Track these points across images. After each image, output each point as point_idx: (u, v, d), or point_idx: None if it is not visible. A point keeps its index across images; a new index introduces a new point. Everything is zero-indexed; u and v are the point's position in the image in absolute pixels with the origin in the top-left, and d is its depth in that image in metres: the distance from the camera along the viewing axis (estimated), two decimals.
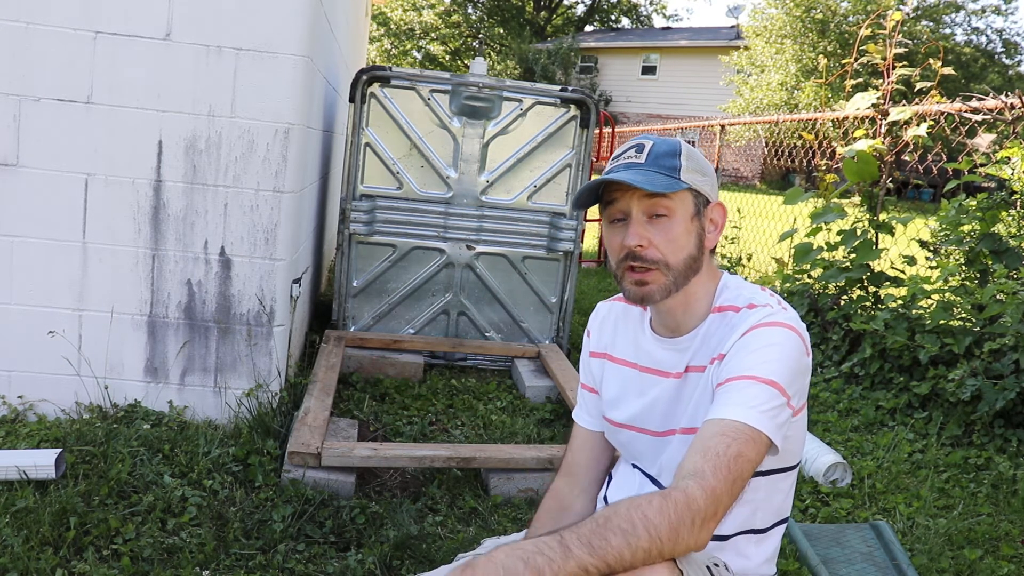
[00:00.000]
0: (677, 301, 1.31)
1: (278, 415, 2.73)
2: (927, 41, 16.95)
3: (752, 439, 1.14)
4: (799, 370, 1.23)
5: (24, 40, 2.50)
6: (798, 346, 1.23)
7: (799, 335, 1.24)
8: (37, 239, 2.62)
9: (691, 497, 1.08)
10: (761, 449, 1.16)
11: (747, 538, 1.32)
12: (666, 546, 1.07)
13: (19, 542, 1.94)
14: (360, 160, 3.67)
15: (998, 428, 3.06)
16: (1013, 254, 3.55)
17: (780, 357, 1.20)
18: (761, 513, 1.33)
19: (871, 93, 4.24)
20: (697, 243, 1.30)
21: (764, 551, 1.35)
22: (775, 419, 1.17)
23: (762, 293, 1.30)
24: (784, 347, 1.21)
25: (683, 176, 1.27)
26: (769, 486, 1.31)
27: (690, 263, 1.29)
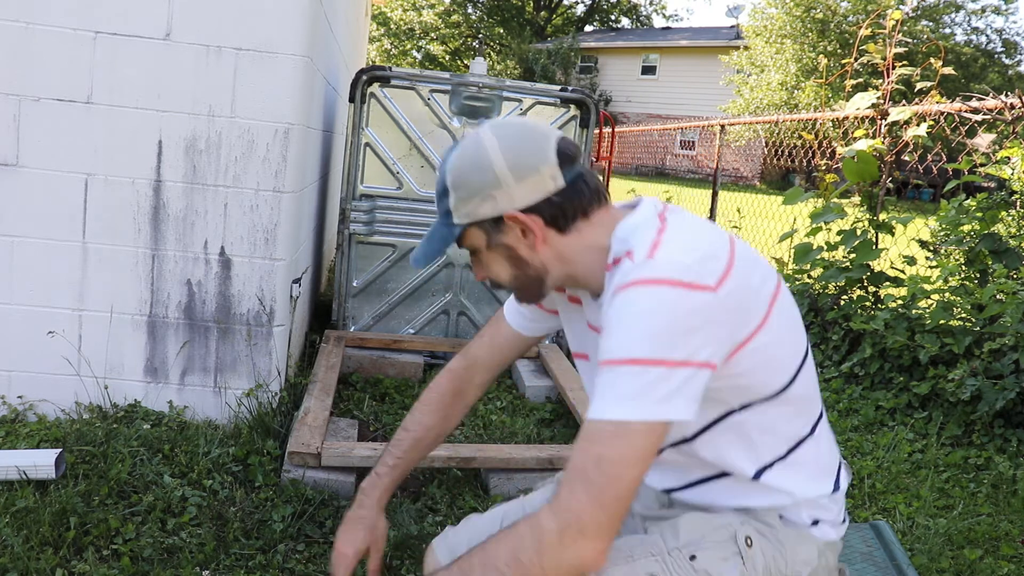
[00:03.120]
0: (565, 283, 1.23)
1: (278, 415, 2.73)
2: (927, 41, 16.95)
3: (615, 434, 1.01)
4: (686, 325, 1.03)
5: (24, 40, 2.50)
6: (674, 300, 1.03)
7: (674, 283, 1.03)
8: (37, 239, 2.62)
9: (540, 527, 1.01)
10: (638, 439, 1.01)
11: (770, 473, 1.21)
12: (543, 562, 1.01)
13: (19, 542, 1.94)
14: (360, 160, 3.67)
15: (998, 428, 3.06)
16: (1013, 254, 3.55)
17: (643, 325, 1.02)
18: (766, 446, 1.20)
19: (871, 93, 4.24)
20: (513, 263, 1.20)
21: (800, 475, 1.22)
22: (650, 396, 1.01)
23: (640, 231, 1.11)
24: (649, 313, 1.03)
25: (456, 218, 1.20)
26: (755, 419, 1.18)
27: (525, 278, 1.21)
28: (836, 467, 1.29)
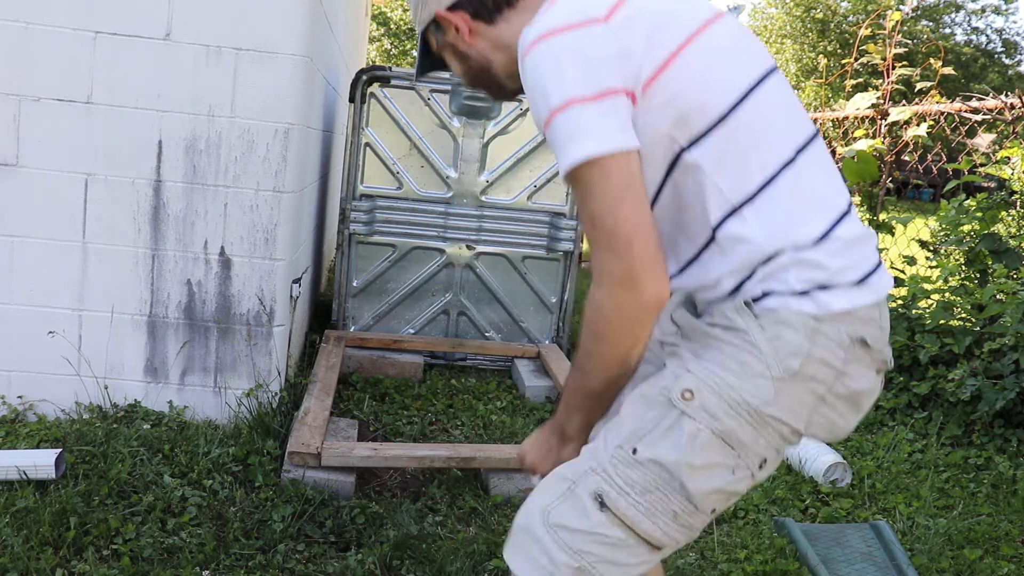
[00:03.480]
0: (514, 70, 1.21)
1: (278, 415, 2.73)
2: (927, 41, 16.94)
3: (586, 189, 1.06)
4: (585, 60, 1.04)
5: (24, 40, 2.50)
6: (566, 43, 1.05)
7: (562, 30, 1.06)
8: (37, 239, 2.62)
9: (593, 301, 1.09)
10: (604, 181, 1.04)
11: (738, 220, 1.13)
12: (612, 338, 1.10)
13: (19, 542, 1.94)
14: (360, 160, 3.67)
15: (998, 428, 3.06)
16: (1013, 254, 3.55)
17: (547, 78, 1.05)
18: (731, 186, 1.12)
19: (871, 93, 4.24)
20: (459, 58, 1.32)
21: (776, 216, 1.12)
22: (581, 135, 1.03)
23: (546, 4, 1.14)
24: (548, 63, 1.06)
25: (417, 28, 1.34)
26: (710, 156, 1.12)
27: (473, 71, 1.32)
28: (837, 207, 1.15)
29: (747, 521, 2.49)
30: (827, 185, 1.17)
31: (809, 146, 1.17)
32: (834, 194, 1.17)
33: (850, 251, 1.14)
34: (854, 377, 1.13)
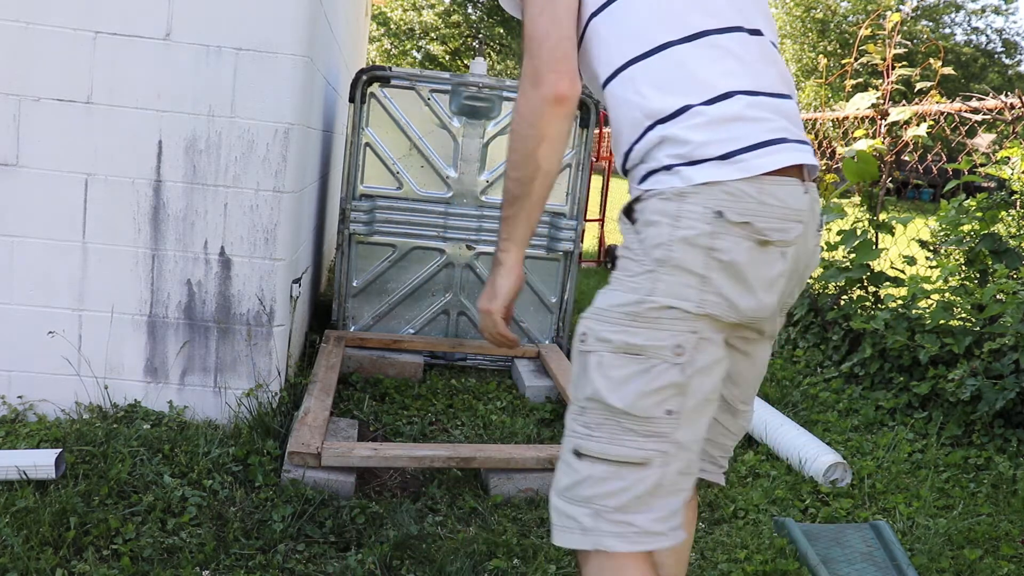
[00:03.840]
0: None
1: (278, 415, 2.73)
2: (927, 41, 16.97)
3: (528, 22, 1.27)
4: None
5: (24, 40, 2.50)
6: None
7: None
8: (37, 239, 2.62)
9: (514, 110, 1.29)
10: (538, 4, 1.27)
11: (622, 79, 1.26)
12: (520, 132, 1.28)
13: (19, 542, 1.94)
14: (360, 160, 3.67)
15: (998, 428, 3.06)
16: (1013, 254, 3.55)
17: None
18: (621, 49, 1.26)
19: (871, 93, 4.24)
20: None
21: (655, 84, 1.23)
22: None
23: None
24: None
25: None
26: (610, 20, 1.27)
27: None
28: (718, 88, 1.21)
29: (747, 521, 2.49)
30: (723, 68, 1.23)
31: (727, 33, 1.25)
32: (727, 77, 1.22)
33: (718, 127, 1.20)
34: (725, 250, 1.18)
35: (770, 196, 1.20)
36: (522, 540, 2.25)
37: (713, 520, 2.50)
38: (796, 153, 1.23)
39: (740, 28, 1.26)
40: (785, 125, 1.24)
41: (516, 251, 1.39)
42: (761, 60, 1.27)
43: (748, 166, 1.19)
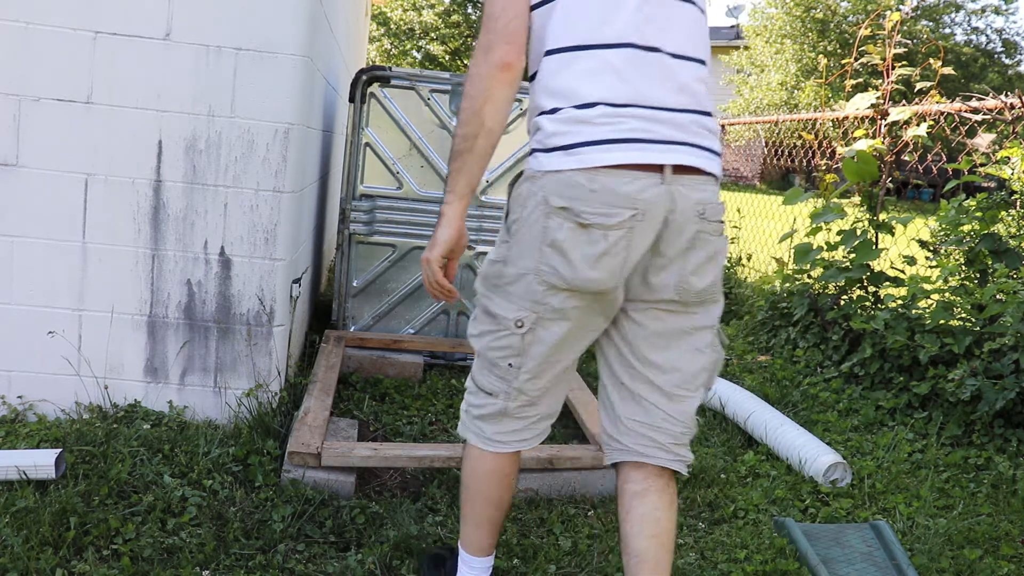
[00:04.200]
0: None
1: (278, 415, 2.73)
2: (927, 41, 16.95)
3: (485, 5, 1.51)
4: None
5: (24, 40, 2.50)
6: None
7: None
8: (37, 239, 2.62)
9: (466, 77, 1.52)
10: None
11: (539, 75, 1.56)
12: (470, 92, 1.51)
13: (19, 542, 1.94)
14: (360, 160, 3.67)
15: (998, 428, 3.06)
16: (1013, 254, 3.55)
17: None
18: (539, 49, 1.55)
19: (871, 93, 4.24)
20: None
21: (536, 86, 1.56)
22: None
23: None
24: None
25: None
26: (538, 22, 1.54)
27: None
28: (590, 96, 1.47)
29: (747, 521, 2.49)
30: (597, 81, 1.48)
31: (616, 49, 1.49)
32: (597, 89, 1.47)
33: (570, 124, 1.47)
34: (552, 229, 1.49)
35: (601, 185, 1.45)
36: (522, 540, 2.25)
37: (713, 520, 2.50)
38: (649, 153, 1.46)
39: (632, 45, 1.48)
40: (651, 128, 1.47)
41: (457, 204, 1.59)
42: (647, 75, 1.49)
43: (583, 159, 1.46)
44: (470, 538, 1.77)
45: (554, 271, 1.50)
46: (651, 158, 1.46)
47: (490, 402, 1.66)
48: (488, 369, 1.64)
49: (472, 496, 1.75)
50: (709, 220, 1.54)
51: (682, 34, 1.54)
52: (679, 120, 1.51)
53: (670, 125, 1.49)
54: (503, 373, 1.62)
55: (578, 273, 1.49)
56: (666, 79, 1.50)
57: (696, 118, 1.53)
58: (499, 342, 1.60)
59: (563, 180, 1.46)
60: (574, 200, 1.46)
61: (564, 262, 1.49)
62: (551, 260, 1.49)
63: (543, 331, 1.56)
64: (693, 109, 1.53)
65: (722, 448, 3.04)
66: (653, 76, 1.49)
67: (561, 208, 1.47)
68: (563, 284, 1.50)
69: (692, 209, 1.51)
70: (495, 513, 1.75)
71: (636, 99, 1.47)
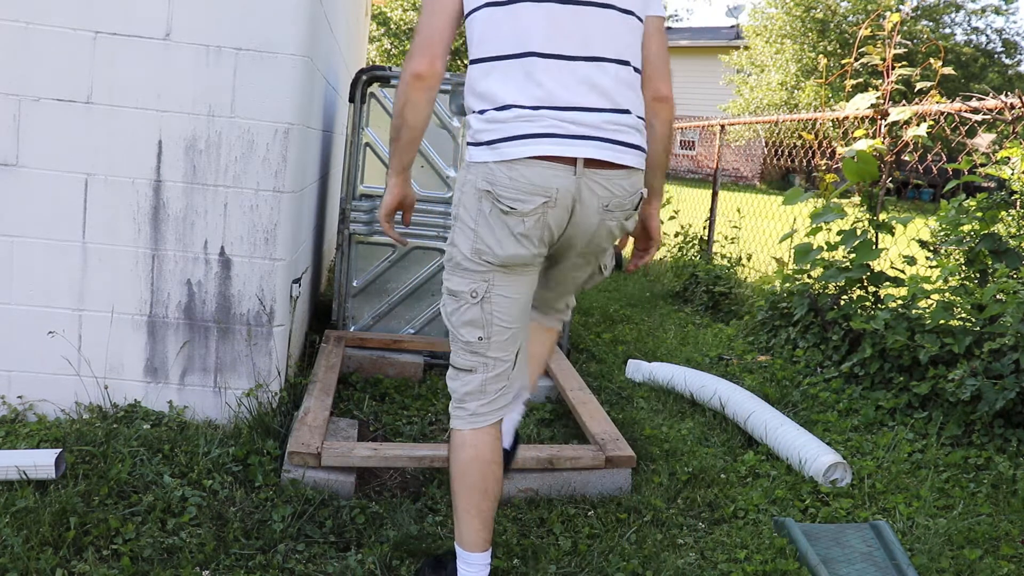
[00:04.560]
0: None
1: (278, 415, 2.73)
2: (927, 41, 16.95)
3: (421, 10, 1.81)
4: None
5: (24, 40, 2.50)
6: None
7: None
8: (37, 239, 2.62)
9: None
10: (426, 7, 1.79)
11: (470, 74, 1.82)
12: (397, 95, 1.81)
13: (19, 542, 1.94)
14: (360, 160, 3.67)
15: (998, 428, 3.06)
16: (1013, 254, 3.55)
17: None
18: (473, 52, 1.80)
19: (871, 93, 4.24)
20: None
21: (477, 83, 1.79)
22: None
23: None
24: None
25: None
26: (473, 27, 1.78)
27: None
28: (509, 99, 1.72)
29: (747, 521, 2.49)
30: (515, 87, 1.72)
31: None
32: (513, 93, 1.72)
33: (491, 123, 1.74)
34: (483, 212, 1.76)
35: (519, 175, 1.70)
36: (522, 540, 2.25)
37: (713, 520, 2.50)
38: (561, 147, 1.70)
39: (536, 54, 1.71)
40: (564, 126, 1.70)
41: (396, 177, 1.93)
42: (558, 79, 1.72)
43: (502, 152, 1.71)
44: (465, 533, 1.85)
45: (488, 249, 1.77)
46: (562, 151, 1.70)
47: (470, 379, 1.86)
48: (463, 348, 1.86)
49: (460, 488, 1.84)
50: (612, 211, 1.80)
51: (598, 39, 1.74)
52: (590, 119, 1.72)
53: (581, 123, 1.72)
54: (476, 348, 1.84)
55: (505, 250, 1.77)
56: (578, 82, 1.73)
57: (610, 116, 1.75)
58: (464, 316, 1.83)
59: (487, 171, 1.73)
60: (496, 187, 1.73)
61: (494, 241, 1.76)
62: (485, 239, 1.77)
63: (497, 297, 1.81)
64: (606, 108, 1.74)
65: (722, 448, 3.04)
66: (564, 80, 1.72)
67: (487, 192, 1.74)
68: (496, 260, 1.78)
69: (596, 203, 1.77)
70: (483, 503, 1.83)
71: (548, 101, 1.71)
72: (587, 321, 5.01)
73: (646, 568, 2.16)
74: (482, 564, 1.86)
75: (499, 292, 1.82)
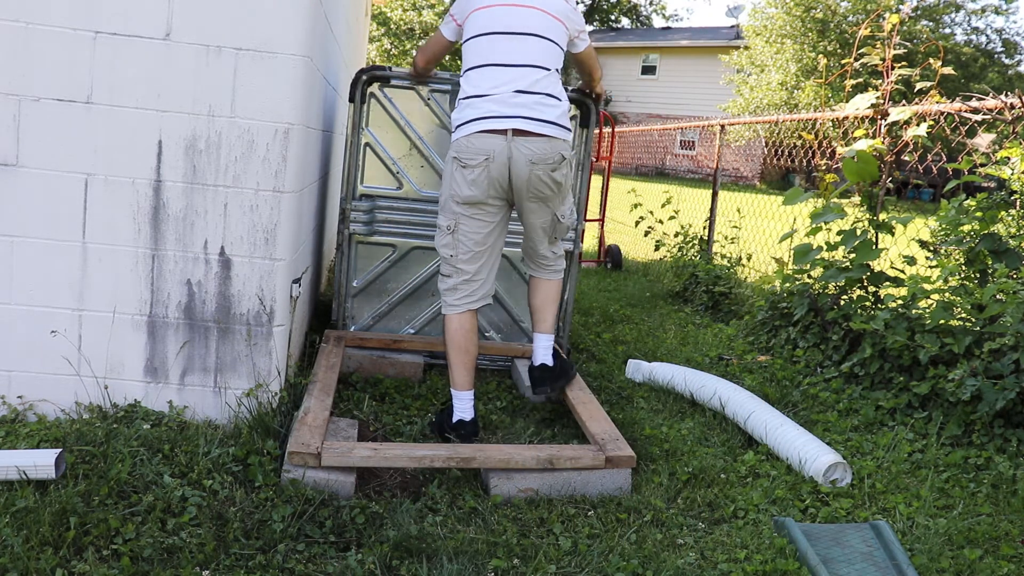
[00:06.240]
0: None
1: (278, 415, 2.73)
2: (927, 41, 16.94)
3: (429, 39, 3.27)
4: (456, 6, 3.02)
5: (24, 40, 2.50)
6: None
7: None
8: (37, 239, 2.62)
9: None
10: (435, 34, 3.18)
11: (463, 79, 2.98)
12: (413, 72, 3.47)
13: (19, 542, 1.94)
14: (360, 160, 3.67)
15: (998, 428, 3.06)
16: (1013, 254, 3.55)
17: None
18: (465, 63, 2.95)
19: (871, 93, 4.24)
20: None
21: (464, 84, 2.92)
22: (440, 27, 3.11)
23: None
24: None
25: None
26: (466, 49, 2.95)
27: None
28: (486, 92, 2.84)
29: (747, 521, 2.49)
30: (495, 87, 2.82)
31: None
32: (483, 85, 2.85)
33: (465, 109, 2.86)
34: (455, 168, 2.87)
35: (471, 142, 2.81)
36: (522, 540, 2.25)
37: (713, 520, 2.50)
38: (496, 122, 2.79)
39: (493, 64, 2.85)
40: (500, 109, 2.80)
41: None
42: (501, 78, 2.83)
43: (464, 129, 2.84)
44: (457, 378, 2.92)
45: (456, 192, 2.86)
46: (497, 125, 2.79)
47: (448, 282, 2.96)
48: (444, 262, 2.96)
49: (451, 349, 2.93)
50: (536, 164, 2.81)
51: (524, 54, 2.85)
52: (518, 100, 2.80)
53: (512, 105, 2.80)
54: (449, 262, 2.94)
55: (462, 191, 2.85)
56: (513, 79, 2.82)
57: (532, 98, 2.82)
58: (443, 240, 2.94)
59: (458, 142, 2.84)
60: (461, 152, 2.83)
61: (457, 186, 2.85)
62: (453, 186, 2.87)
63: (462, 228, 2.90)
64: (530, 91, 2.82)
65: (722, 448, 3.04)
66: (504, 78, 2.83)
67: (455, 158, 2.85)
68: (459, 199, 2.86)
69: (524, 158, 2.80)
70: (466, 357, 2.93)
71: (490, 90, 2.82)
72: (587, 321, 5.01)
73: (646, 568, 2.16)
74: (468, 398, 2.91)
75: (463, 226, 2.89)
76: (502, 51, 2.82)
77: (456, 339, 2.92)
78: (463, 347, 2.92)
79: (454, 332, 2.92)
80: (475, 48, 2.87)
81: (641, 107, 29.09)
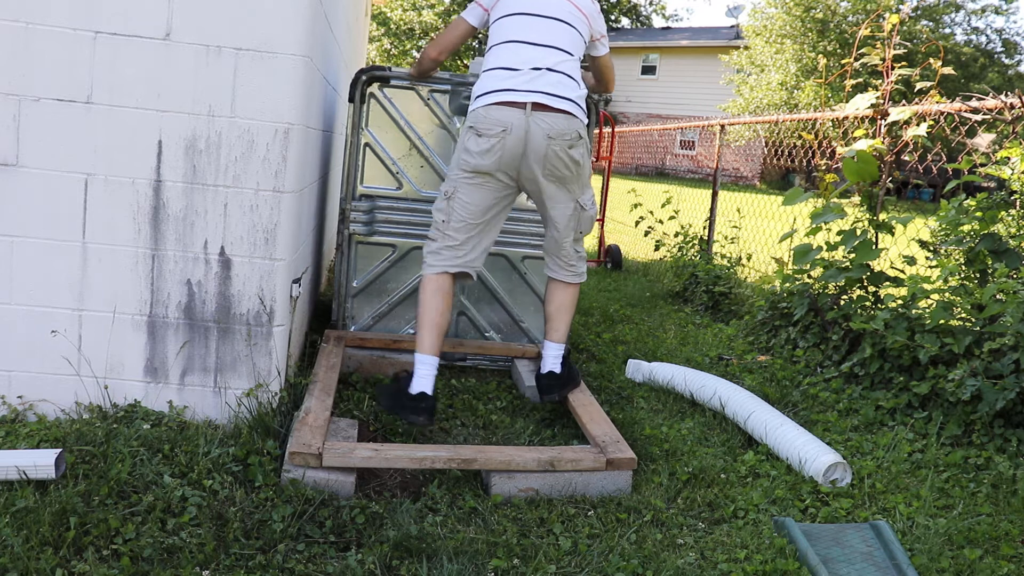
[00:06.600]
0: None
1: (278, 415, 2.73)
2: (927, 41, 16.94)
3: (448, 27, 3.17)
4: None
5: (24, 40, 2.50)
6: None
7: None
8: (37, 239, 2.62)
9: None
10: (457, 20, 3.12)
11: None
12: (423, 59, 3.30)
13: (19, 542, 1.94)
14: (360, 160, 3.67)
15: (998, 428, 3.06)
16: (1013, 254, 3.55)
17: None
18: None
19: (871, 93, 4.24)
20: None
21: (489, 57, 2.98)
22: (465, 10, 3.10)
23: None
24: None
25: None
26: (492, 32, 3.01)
27: None
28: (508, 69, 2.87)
29: (747, 521, 2.49)
30: (519, 63, 2.85)
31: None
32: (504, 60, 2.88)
33: (487, 79, 2.87)
34: (468, 137, 2.86)
35: (489, 113, 2.80)
36: (522, 540, 2.25)
37: (713, 520, 2.50)
38: (514, 95, 2.80)
39: (517, 41, 2.89)
40: (518, 83, 2.81)
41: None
42: (524, 55, 2.85)
43: (483, 100, 2.84)
44: (425, 340, 2.84)
45: (465, 160, 2.85)
46: (516, 98, 2.80)
47: (433, 246, 2.94)
48: (434, 226, 2.96)
49: (424, 310, 2.87)
50: (554, 139, 2.81)
51: (551, 35, 2.90)
52: (540, 76, 2.82)
53: (531, 79, 2.81)
54: (439, 227, 2.93)
55: (472, 160, 2.84)
56: (536, 58, 2.85)
57: (554, 76, 2.85)
58: (439, 205, 2.94)
59: (475, 112, 2.86)
60: (477, 122, 2.83)
61: (468, 154, 2.84)
62: (463, 154, 2.86)
63: (459, 197, 2.88)
64: (550, 68, 2.84)
65: (722, 448, 3.04)
66: (529, 55, 2.86)
67: (471, 127, 2.85)
68: (467, 167, 2.85)
69: (542, 132, 2.80)
70: (438, 319, 2.86)
71: (515, 65, 2.84)
72: (587, 321, 5.01)
73: (646, 568, 2.16)
74: (432, 364, 2.84)
75: (460, 194, 2.88)
76: (530, 30, 2.88)
77: (428, 299, 2.85)
78: (435, 307, 2.84)
79: (428, 292, 2.86)
80: (504, 25, 2.93)
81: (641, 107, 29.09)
